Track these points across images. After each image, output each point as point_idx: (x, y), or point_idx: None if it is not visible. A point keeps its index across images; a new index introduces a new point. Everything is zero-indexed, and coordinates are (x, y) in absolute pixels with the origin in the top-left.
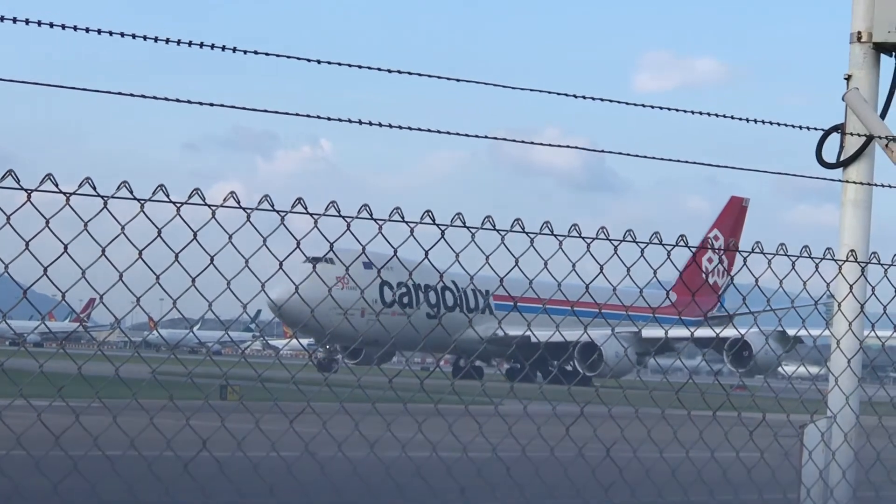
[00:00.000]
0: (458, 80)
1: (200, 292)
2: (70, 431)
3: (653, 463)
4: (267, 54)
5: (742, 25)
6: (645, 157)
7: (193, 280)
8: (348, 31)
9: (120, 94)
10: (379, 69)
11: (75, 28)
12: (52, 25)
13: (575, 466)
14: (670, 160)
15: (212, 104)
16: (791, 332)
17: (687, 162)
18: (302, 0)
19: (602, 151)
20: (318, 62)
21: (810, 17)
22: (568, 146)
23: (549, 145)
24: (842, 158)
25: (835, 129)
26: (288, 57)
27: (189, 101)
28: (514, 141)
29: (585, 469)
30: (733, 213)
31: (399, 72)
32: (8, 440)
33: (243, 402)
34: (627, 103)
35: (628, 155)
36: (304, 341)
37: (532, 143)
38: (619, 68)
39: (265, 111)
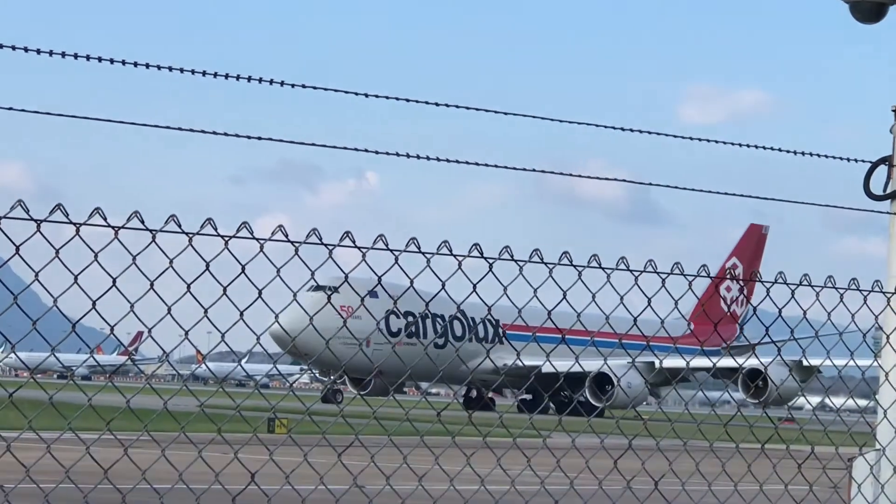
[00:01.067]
0: (504, 114)
1: (248, 325)
2: (118, 465)
3: (701, 496)
4: (315, 87)
5: (789, 57)
6: (690, 189)
7: (242, 313)
8: (395, 64)
9: (169, 128)
10: (427, 102)
11: (123, 63)
12: (100, 60)
13: (624, 500)
14: (716, 192)
15: (259, 138)
16: (810, 362)
17: (731, 194)
18: (348, 33)
19: (648, 184)
20: (367, 95)
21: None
22: (615, 179)
23: (596, 178)
24: (889, 190)
25: (882, 161)
26: (335, 90)
27: (237, 135)
28: (560, 174)
29: (633, 503)
30: (752, 241)
31: (447, 105)
32: (56, 474)
33: (291, 436)
34: (669, 135)
35: (674, 187)
36: (301, 368)
37: (579, 175)
38: (666, 101)
39: (313, 144)
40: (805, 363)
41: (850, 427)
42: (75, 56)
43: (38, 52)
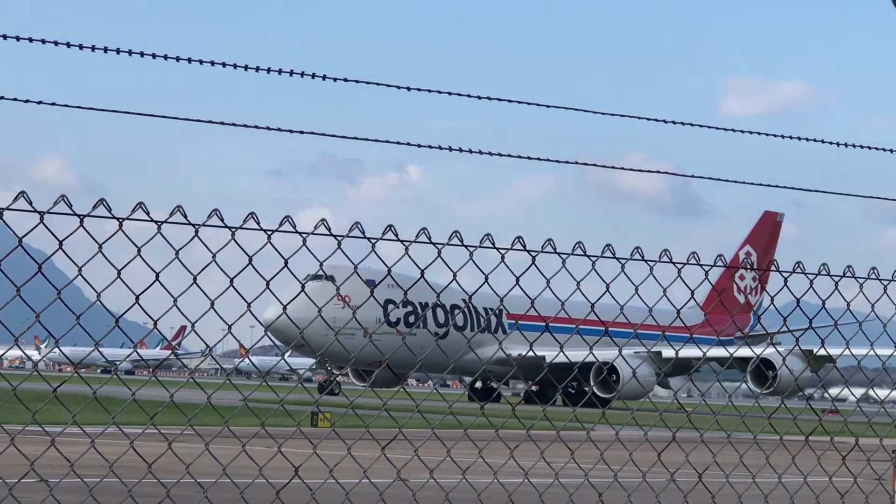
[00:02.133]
0: (546, 107)
1: (291, 319)
2: (162, 459)
3: (745, 488)
4: (357, 81)
5: (829, 48)
6: (734, 181)
7: (285, 307)
8: (435, 59)
9: (211, 122)
10: (469, 96)
11: (166, 57)
12: (142, 55)
13: (668, 493)
14: (759, 184)
15: (302, 132)
16: (821, 351)
17: (773, 185)
18: (390, 28)
19: (691, 176)
20: (409, 89)
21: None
22: (658, 171)
23: (640, 170)
24: None
25: None
26: (378, 84)
27: (279, 129)
28: (603, 166)
29: (677, 496)
30: (767, 229)
31: (489, 98)
32: (101, 468)
33: (335, 429)
34: (710, 127)
35: (717, 179)
36: (296, 360)
37: (622, 168)
38: (707, 94)
39: (356, 138)
40: (823, 352)
41: (894, 418)
42: (117, 51)
43: (81, 47)
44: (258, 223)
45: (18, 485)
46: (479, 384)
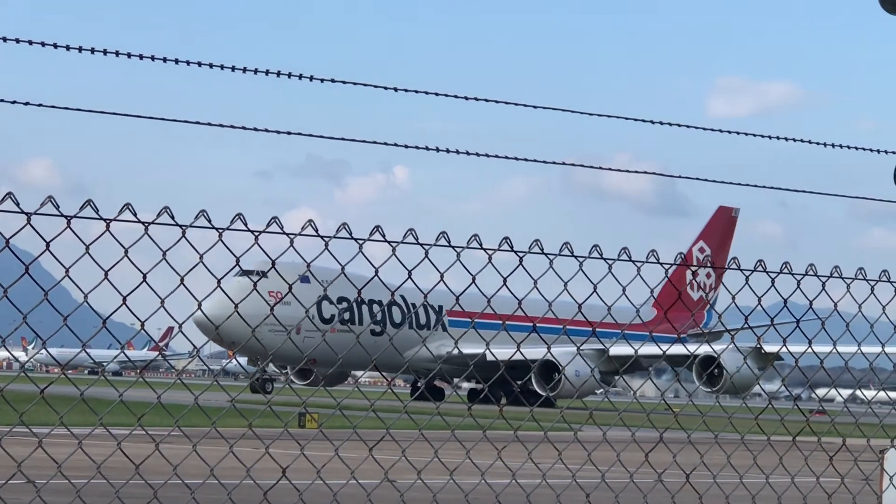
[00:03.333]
0: (533, 107)
1: (279, 321)
2: (149, 460)
3: (732, 489)
4: (344, 82)
5: (816, 50)
6: (722, 182)
7: (272, 308)
8: (422, 60)
9: (198, 123)
10: (456, 96)
11: (153, 58)
12: (129, 56)
13: (655, 494)
14: (745, 185)
15: (289, 132)
16: (770, 349)
17: (761, 186)
18: (374, 29)
19: (678, 177)
20: (395, 90)
21: (885, 40)
22: (644, 171)
23: (628, 171)
24: None
25: None
26: (365, 85)
27: (266, 130)
28: (590, 167)
29: (665, 497)
30: (721, 225)
31: (476, 99)
32: (88, 469)
33: (322, 430)
34: (696, 127)
35: (703, 180)
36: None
37: (610, 168)
38: (694, 94)
39: (343, 139)
40: (761, 350)
41: (881, 419)
42: (104, 52)
43: (68, 48)
44: (245, 224)
45: (6, 486)
46: (421, 383)
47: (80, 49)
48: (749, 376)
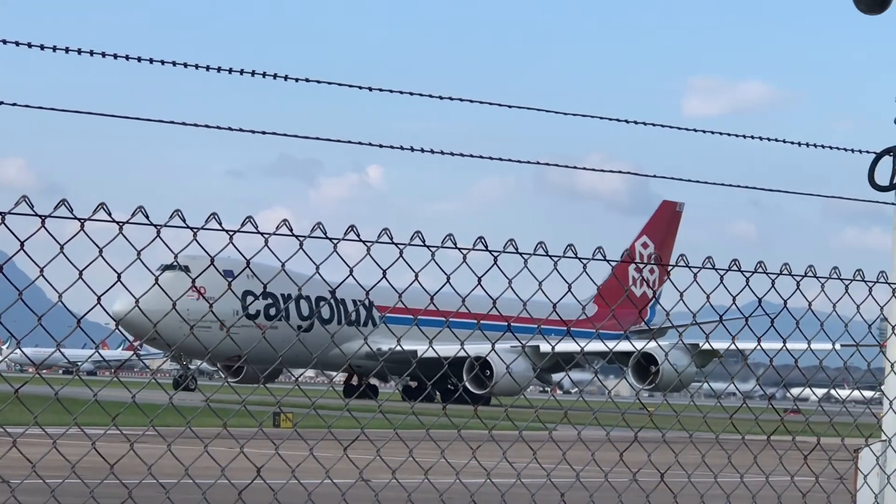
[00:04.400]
0: (508, 107)
1: (256, 322)
2: (124, 460)
3: (707, 488)
4: (318, 82)
5: (791, 49)
6: (696, 181)
7: (246, 309)
8: (395, 59)
9: (173, 122)
10: (430, 96)
11: (127, 58)
12: (104, 55)
13: (630, 493)
14: (720, 184)
15: (263, 132)
16: (709, 345)
17: (735, 185)
18: (349, 28)
19: (655, 177)
20: (370, 89)
21: (861, 39)
22: (621, 171)
23: (601, 171)
24: (895, 181)
25: (887, 151)
26: (339, 84)
27: (241, 130)
28: (565, 167)
29: (639, 496)
30: (665, 220)
31: (451, 98)
32: (62, 469)
33: (297, 430)
34: (670, 126)
35: (678, 179)
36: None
37: (584, 168)
38: (669, 94)
39: (317, 139)
40: (697, 347)
41: (855, 418)
42: (79, 51)
43: (42, 47)
44: (220, 223)
45: None
46: (354, 380)
47: (53, 48)
48: (687, 374)
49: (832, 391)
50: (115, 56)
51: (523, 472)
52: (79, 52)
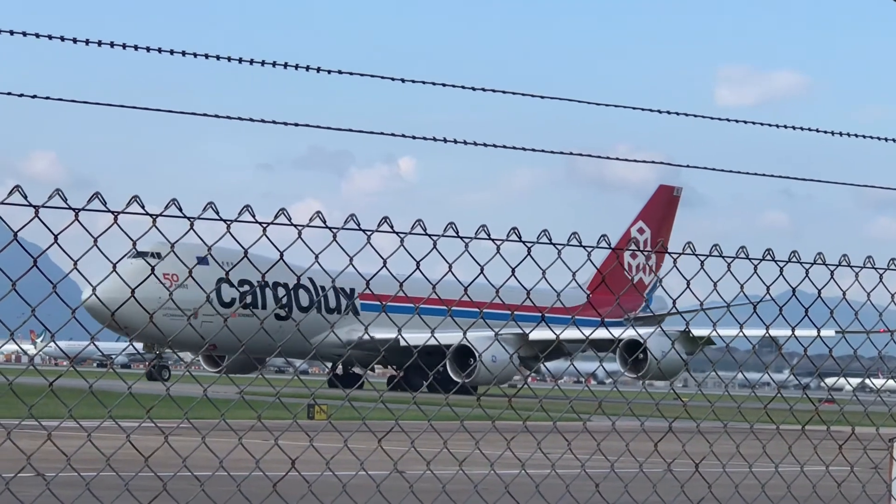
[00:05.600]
0: (541, 97)
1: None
2: (159, 453)
3: (742, 478)
4: (351, 73)
5: (822, 38)
6: (724, 170)
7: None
8: (426, 50)
9: (206, 115)
10: (462, 87)
11: (160, 50)
12: (136, 48)
13: (664, 483)
14: (750, 174)
15: (296, 124)
16: (699, 333)
17: (765, 175)
18: (382, 20)
19: (686, 167)
20: (402, 81)
21: (890, 28)
22: (653, 161)
23: (634, 160)
24: None
25: None
26: (371, 76)
27: (274, 122)
28: (598, 157)
29: (674, 486)
30: (662, 204)
31: (483, 90)
32: (97, 462)
33: (331, 422)
34: (703, 116)
35: (711, 169)
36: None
37: (617, 158)
38: (700, 83)
39: (350, 130)
40: (690, 335)
41: (890, 407)
42: (111, 45)
43: (75, 41)
44: (253, 216)
45: (15, 479)
46: (340, 370)
47: (86, 42)
48: (676, 361)
49: (867, 380)
50: (148, 49)
51: (558, 463)
52: (111, 45)
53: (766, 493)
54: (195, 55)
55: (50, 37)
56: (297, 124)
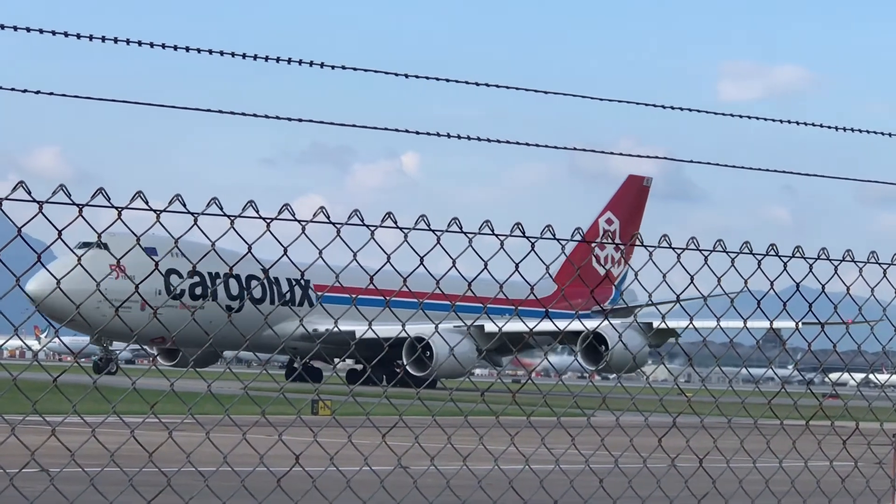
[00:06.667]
0: (545, 93)
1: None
2: (163, 448)
3: (746, 473)
4: (354, 69)
5: (826, 32)
6: (727, 165)
7: (281, 297)
8: (429, 45)
9: (209, 110)
10: (466, 82)
11: (164, 46)
12: (140, 44)
13: (668, 479)
14: (751, 168)
15: (300, 119)
16: (667, 324)
17: (768, 170)
18: (383, 16)
19: (689, 161)
20: (406, 76)
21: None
22: (657, 157)
23: (637, 156)
24: None
25: None
26: (375, 71)
27: (277, 117)
28: (601, 152)
29: (678, 481)
30: (631, 195)
31: (486, 84)
32: (101, 457)
33: (335, 417)
34: (699, 111)
35: (714, 164)
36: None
37: (621, 154)
38: (703, 78)
39: (353, 126)
40: (651, 326)
41: (894, 403)
42: (115, 40)
43: (79, 36)
44: (257, 211)
45: (19, 474)
46: (296, 363)
47: (90, 37)
48: (640, 354)
49: (871, 376)
50: (151, 45)
51: (562, 459)
52: (115, 40)
53: (770, 488)
54: (199, 51)
55: (53, 32)
56: (300, 119)
